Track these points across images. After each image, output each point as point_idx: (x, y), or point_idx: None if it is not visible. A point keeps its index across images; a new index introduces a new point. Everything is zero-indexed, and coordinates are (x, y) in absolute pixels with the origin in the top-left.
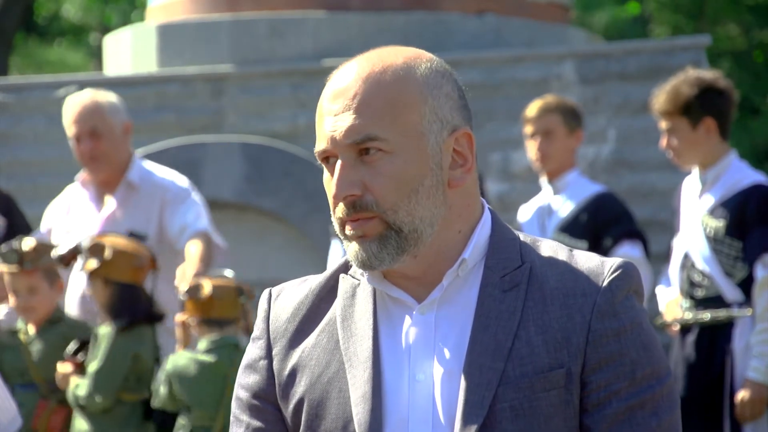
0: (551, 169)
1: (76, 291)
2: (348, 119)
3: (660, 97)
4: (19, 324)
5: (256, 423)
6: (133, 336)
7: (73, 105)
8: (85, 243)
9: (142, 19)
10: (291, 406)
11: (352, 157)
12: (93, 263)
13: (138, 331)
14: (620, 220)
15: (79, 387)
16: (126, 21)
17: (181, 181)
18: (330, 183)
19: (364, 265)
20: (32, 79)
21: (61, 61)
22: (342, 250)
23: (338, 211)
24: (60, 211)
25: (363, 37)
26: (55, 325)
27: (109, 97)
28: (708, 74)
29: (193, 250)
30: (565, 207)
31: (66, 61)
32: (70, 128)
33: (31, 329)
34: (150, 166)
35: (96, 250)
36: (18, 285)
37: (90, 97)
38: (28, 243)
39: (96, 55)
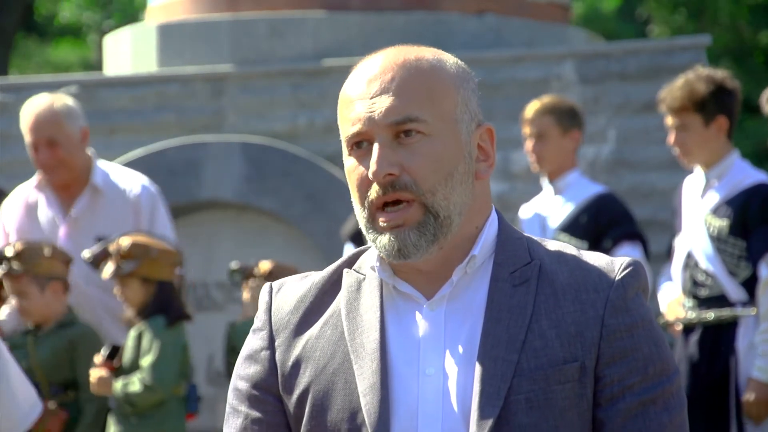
0: (549, 170)
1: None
2: (387, 100)
3: (673, 93)
4: (30, 325)
5: (255, 413)
6: (180, 330)
7: (29, 112)
8: (123, 243)
9: (141, 19)
10: (294, 396)
11: (389, 138)
12: (132, 264)
13: (181, 326)
14: (620, 222)
15: (130, 384)
16: (126, 21)
17: (146, 183)
18: (354, 171)
19: (401, 254)
20: (32, 79)
21: (61, 61)
22: None
23: (372, 194)
24: (15, 213)
25: (363, 37)
26: (63, 329)
27: (66, 101)
28: (718, 73)
29: None
30: (565, 208)
31: (66, 61)
32: (26, 135)
33: (37, 331)
34: (107, 167)
35: (138, 250)
36: (11, 289)
37: (46, 105)
38: (10, 249)
39: (96, 55)
